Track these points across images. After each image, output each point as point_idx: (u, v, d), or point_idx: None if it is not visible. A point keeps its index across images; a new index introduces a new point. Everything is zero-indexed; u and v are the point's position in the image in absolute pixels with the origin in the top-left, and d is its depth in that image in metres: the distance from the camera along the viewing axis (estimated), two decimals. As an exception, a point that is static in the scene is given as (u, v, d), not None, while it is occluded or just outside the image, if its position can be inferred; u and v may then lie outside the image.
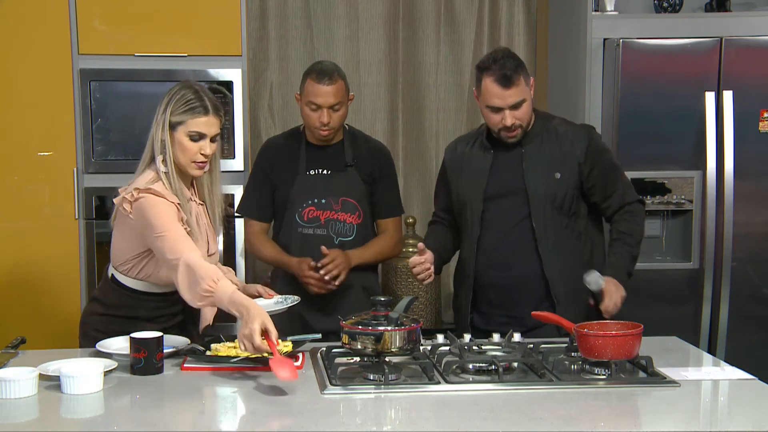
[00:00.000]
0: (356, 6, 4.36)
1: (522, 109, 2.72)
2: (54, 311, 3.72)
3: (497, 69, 2.68)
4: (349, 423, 1.97)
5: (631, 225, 2.81)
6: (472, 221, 2.84)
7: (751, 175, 3.66)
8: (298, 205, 3.08)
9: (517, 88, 2.69)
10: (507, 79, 2.67)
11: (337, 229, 3.07)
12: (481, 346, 2.44)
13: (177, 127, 2.46)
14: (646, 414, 2.06)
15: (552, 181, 2.77)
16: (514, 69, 2.69)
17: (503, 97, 2.69)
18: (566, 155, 2.79)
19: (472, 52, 4.43)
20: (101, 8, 3.69)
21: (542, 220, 2.76)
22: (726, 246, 3.64)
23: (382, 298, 2.33)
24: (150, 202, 2.40)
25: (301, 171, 3.10)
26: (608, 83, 3.75)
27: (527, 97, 2.73)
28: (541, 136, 2.81)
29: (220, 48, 3.76)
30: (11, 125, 3.69)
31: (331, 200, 3.07)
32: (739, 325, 3.67)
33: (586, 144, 2.79)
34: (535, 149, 2.80)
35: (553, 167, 2.78)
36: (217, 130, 2.49)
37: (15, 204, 3.70)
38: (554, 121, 2.87)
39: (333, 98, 2.99)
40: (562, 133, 2.82)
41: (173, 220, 2.39)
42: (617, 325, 2.35)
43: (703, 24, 3.78)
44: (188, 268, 2.30)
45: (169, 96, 2.49)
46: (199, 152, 2.47)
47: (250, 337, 2.15)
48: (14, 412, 2.01)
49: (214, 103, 2.49)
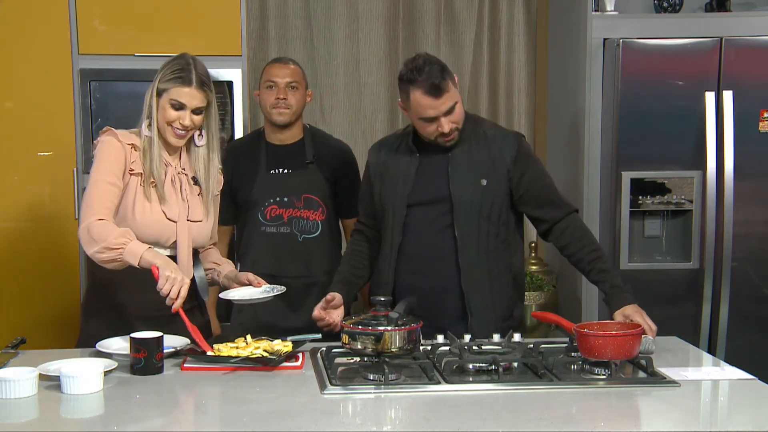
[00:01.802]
0: (356, 6, 4.36)
1: (456, 112, 2.64)
2: (54, 311, 3.72)
3: (424, 79, 2.58)
4: (349, 423, 1.97)
5: (592, 239, 2.73)
6: (394, 227, 2.74)
7: (751, 175, 3.66)
8: (261, 205, 3.12)
9: (448, 94, 2.60)
10: (437, 89, 2.58)
11: (301, 226, 3.10)
12: (481, 346, 2.44)
13: (162, 94, 2.54)
14: (646, 414, 2.06)
15: (478, 189, 2.67)
16: (441, 75, 2.59)
17: (436, 106, 2.60)
18: (494, 161, 2.69)
19: (472, 52, 4.43)
20: (101, 8, 3.69)
21: (466, 228, 2.67)
22: (726, 246, 3.64)
23: (382, 298, 2.33)
24: (103, 143, 2.52)
25: (262, 170, 3.14)
26: (608, 83, 3.75)
27: (457, 98, 2.65)
28: (470, 141, 2.71)
29: (220, 48, 3.77)
30: (11, 125, 3.69)
31: (293, 198, 3.11)
32: (739, 325, 3.67)
33: (515, 149, 2.69)
34: (462, 154, 2.70)
35: (479, 173, 2.68)
36: (200, 104, 2.54)
37: (15, 204, 3.70)
38: (485, 125, 2.79)
39: (289, 77, 3.10)
40: (491, 137, 2.72)
41: (108, 170, 2.48)
42: (617, 325, 2.35)
43: (703, 24, 3.77)
44: (100, 224, 2.42)
45: (163, 64, 2.59)
46: (178, 120, 2.53)
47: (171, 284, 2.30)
48: (14, 412, 2.01)
49: (201, 77, 2.55)
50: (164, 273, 2.32)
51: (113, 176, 2.49)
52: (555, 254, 4.30)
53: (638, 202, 3.65)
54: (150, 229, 2.53)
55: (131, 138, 2.55)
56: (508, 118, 4.45)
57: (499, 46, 4.43)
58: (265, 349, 2.37)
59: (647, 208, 3.66)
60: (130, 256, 2.37)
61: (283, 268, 3.08)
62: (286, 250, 3.12)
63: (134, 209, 2.51)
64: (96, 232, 2.40)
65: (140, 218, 2.51)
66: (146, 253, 2.38)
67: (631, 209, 3.65)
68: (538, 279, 4.01)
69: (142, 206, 2.52)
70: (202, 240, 2.67)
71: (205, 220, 2.65)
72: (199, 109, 2.55)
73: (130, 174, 2.53)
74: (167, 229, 2.55)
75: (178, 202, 2.59)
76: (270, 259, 3.12)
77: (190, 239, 2.59)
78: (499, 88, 4.45)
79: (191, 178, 2.64)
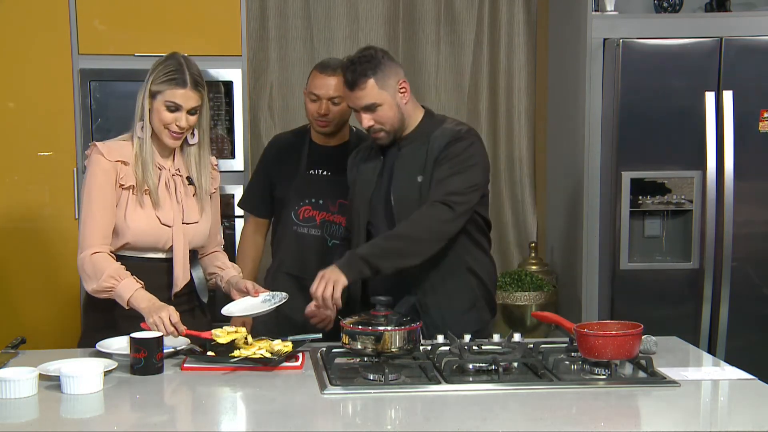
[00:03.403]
0: (356, 6, 4.36)
1: (379, 112, 2.65)
2: (54, 311, 3.72)
3: (346, 71, 2.66)
4: (349, 423, 1.97)
5: (412, 220, 2.60)
6: (359, 232, 2.79)
7: (751, 175, 3.66)
8: (295, 203, 3.09)
9: (362, 92, 2.64)
10: (350, 83, 2.65)
11: (332, 230, 3.07)
12: (481, 346, 2.44)
13: (156, 96, 2.52)
14: (646, 414, 2.06)
15: (414, 185, 2.68)
16: (363, 72, 2.63)
17: (351, 99, 2.67)
18: (429, 155, 2.69)
19: (472, 52, 4.43)
20: (101, 8, 3.69)
21: None
22: (726, 246, 3.64)
23: (382, 298, 2.33)
24: (92, 164, 2.53)
25: (302, 170, 3.10)
26: (608, 83, 3.75)
27: (383, 101, 2.65)
28: (419, 140, 2.72)
29: (220, 48, 3.77)
30: (11, 125, 3.69)
31: (328, 202, 3.07)
32: (739, 325, 3.67)
33: (446, 142, 2.68)
34: (408, 153, 2.72)
35: (417, 170, 2.69)
36: (195, 104, 2.53)
37: (15, 204, 3.70)
38: (443, 124, 2.76)
39: (333, 90, 3.00)
40: (435, 134, 2.71)
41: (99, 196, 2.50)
42: (617, 325, 2.35)
43: (703, 24, 3.77)
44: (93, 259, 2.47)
45: (154, 65, 2.56)
46: (174, 122, 2.52)
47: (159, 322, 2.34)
48: (14, 412, 2.01)
49: (195, 78, 2.53)
50: (149, 321, 2.37)
51: (104, 200, 2.51)
52: (555, 254, 4.31)
53: (638, 202, 3.65)
54: (145, 236, 2.53)
55: (119, 153, 2.54)
56: (508, 118, 4.45)
57: (499, 46, 4.43)
58: (265, 349, 2.37)
59: (647, 208, 3.66)
60: (119, 299, 2.45)
61: (308, 270, 2.96)
62: (314, 252, 3.07)
63: (127, 219, 2.51)
64: (90, 269, 2.47)
65: (134, 227, 2.52)
66: (132, 298, 2.43)
67: (631, 209, 3.65)
68: (538, 279, 4.00)
69: (136, 215, 2.52)
70: (200, 240, 2.67)
71: (200, 221, 2.65)
72: (194, 109, 2.54)
73: (121, 189, 2.53)
74: (163, 235, 2.56)
75: (172, 205, 2.58)
76: (297, 260, 3.09)
77: (186, 242, 2.59)
78: (499, 88, 4.45)
79: (186, 178, 2.64)
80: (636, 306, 3.65)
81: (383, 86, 2.65)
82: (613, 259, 3.68)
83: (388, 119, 2.67)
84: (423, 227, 2.60)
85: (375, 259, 2.54)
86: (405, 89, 2.71)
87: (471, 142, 2.70)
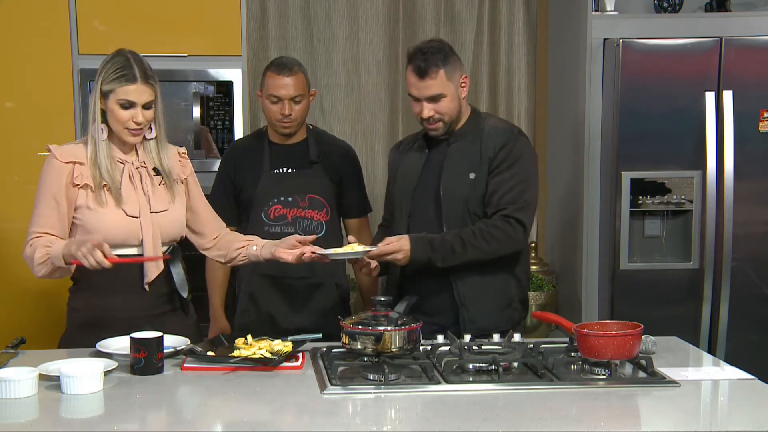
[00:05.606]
0: (356, 6, 4.36)
1: (441, 103, 2.71)
2: (54, 311, 3.71)
3: (416, 58, 2.70)
4: (349, 423, 1.97)
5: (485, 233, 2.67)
6: (401, 222, 2.83)
7: (751, 175, 3.66)
8: (264, 204, 3.10)
9: (433, 81, 2.69)
10: (421, 71, 2.69)
11: (305, 226, 3.08)
12: (481, 346, 2.44)
13: (109, 96, 2.50)
14: (646, 414, 2.06)
15: (466, 182, 2.73)
16: (433, 61, 2.69)
17: (418, 87, 2.71)
18: (483, 154, 2.75)
19: (472, 52, 4.43)
20: (101, 8, 3.69)
21: (454, 223, 2.73)
22: (726, 246, 3.64)
23: (382, 298, 2.33)
24: (45, 165, 2.53)
25: (266, 170, 3.12)
26: (608, 83, 3.75)
27: (448, 92, 2.71)
28: (471, 136, 2.78)
29: (220, 48, 3.77)
30: (11, 125, 3.69)
31: (298, 198, 3.09)
32: (739, 325, 3.67)
33: (502, 143, 2.74)
34: (459, 148, 2.77)
35: (469, 167, 2.74)
36: (149, 98, 2.51)
37: (15, 204, 3.70)
38: (490, 120, 2.85)
39: (293, 90, 3.03)
40: (487, 131, 2.78)
41: (46, 192, 2.50)
42: (617, 325, 2.35)
43: (703, 24, 3.78)
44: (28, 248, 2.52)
45: (102, 64, 2.54)
46: (131, 120, 2.50)
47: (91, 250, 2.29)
48: (14, 412, 2.01)
49: (144, 71, 2.51)
50: (78, 255, 2.33)
51: (49, 196, 2.50)
52: (555, 254, 4.31)
53: (638, 202, 3.65)
54: (114, 231, 2.50)
55: (73, 154, 2.52)
56: (508, 118, 4.44)
57: (499, 46, 4.43)
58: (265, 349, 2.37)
59: (647, 208, 3.66)
60: (57, 260, 2.43)
61: (286, 269, 3.04)
62: None
63: (90, 218, 2.50)
64: (28, 257, 2.50)
65: (99, 224, 2.50)
66: (63, 249, 2.40)
67: (631, 209, 3.65)
68: (538, 279, 4.00)
69: (97, 213, 2.51)
70: (175, 229, 2.63)
71: (170, 209, 2.61)
72: (149, 103, 2.51)
73: (76, 188, 2.51)
74: (132, 227, 2.53)
75: (138, 197, 2.55)
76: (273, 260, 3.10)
77: (157, 231, 2.56)
78: (499, 88, 4.45)
79: (153, 169, 2.61)
80: (636, 306, 3.65)
81: (450, 78, 2.72)
82: (613, 259, 3.68)
83: (448, 111, 2.73)
84: (498, 244, 2.70)
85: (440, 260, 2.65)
86: (465, 84, 2.78)
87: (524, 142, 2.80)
